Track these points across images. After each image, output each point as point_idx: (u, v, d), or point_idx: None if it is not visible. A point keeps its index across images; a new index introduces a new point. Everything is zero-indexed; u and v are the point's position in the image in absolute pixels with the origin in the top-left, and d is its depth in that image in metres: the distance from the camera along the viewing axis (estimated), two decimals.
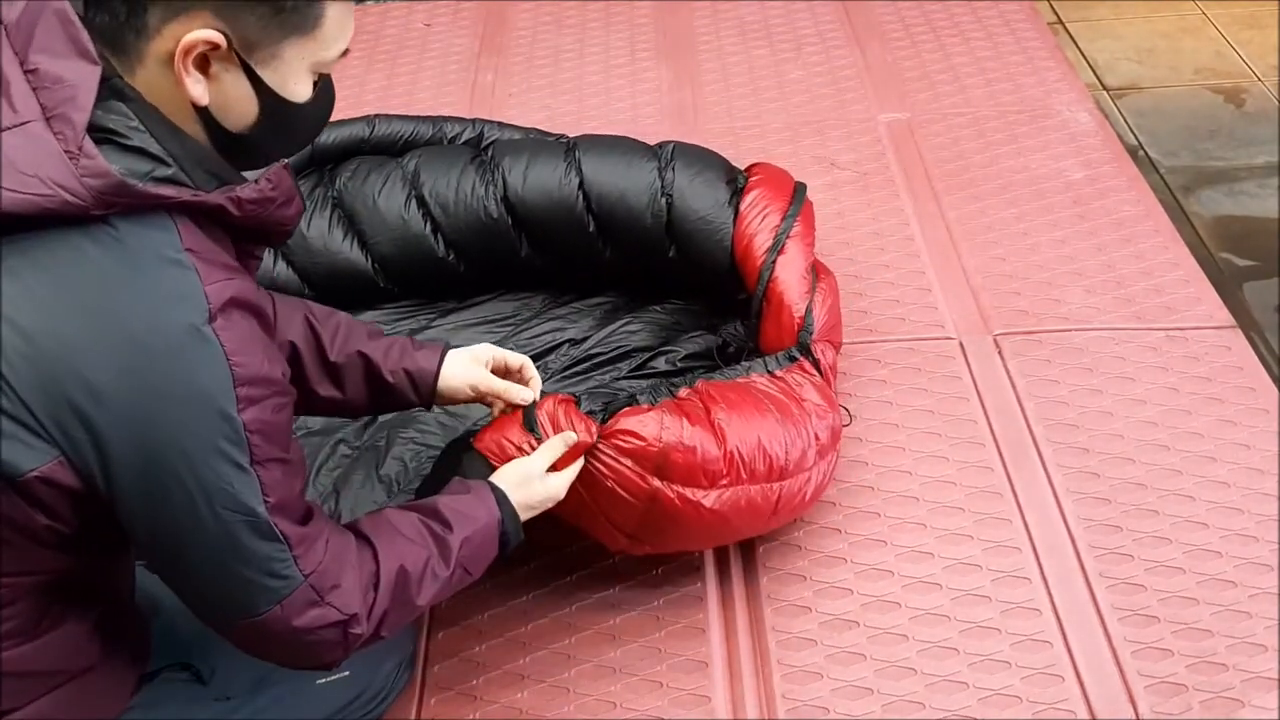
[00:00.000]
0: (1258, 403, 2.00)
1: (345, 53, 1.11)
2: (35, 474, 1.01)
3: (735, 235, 1.92)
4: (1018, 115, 2.72)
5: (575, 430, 1.49)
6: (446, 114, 2.78)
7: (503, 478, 1.42)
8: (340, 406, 1.51)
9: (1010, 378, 2.07)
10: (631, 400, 1.62)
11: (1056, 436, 1.96)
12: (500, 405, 1.55)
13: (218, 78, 1.05)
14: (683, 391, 1.65)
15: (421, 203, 2.00)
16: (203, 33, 1.01)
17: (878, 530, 1.82)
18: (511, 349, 1.60)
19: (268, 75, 1.07)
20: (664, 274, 2.04)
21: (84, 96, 0.98)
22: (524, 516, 1.41)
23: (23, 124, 0.97)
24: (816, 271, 1.93)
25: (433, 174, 2.01)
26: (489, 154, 2.03)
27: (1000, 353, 2.12)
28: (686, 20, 3.15)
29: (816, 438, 1.69)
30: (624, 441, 1.53)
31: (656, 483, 1.54)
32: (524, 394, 1.52)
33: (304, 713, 1.40)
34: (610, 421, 1.54)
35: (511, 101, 2.86)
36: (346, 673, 1.43)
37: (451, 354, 1.53)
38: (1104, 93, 2.99)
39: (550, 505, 1.46)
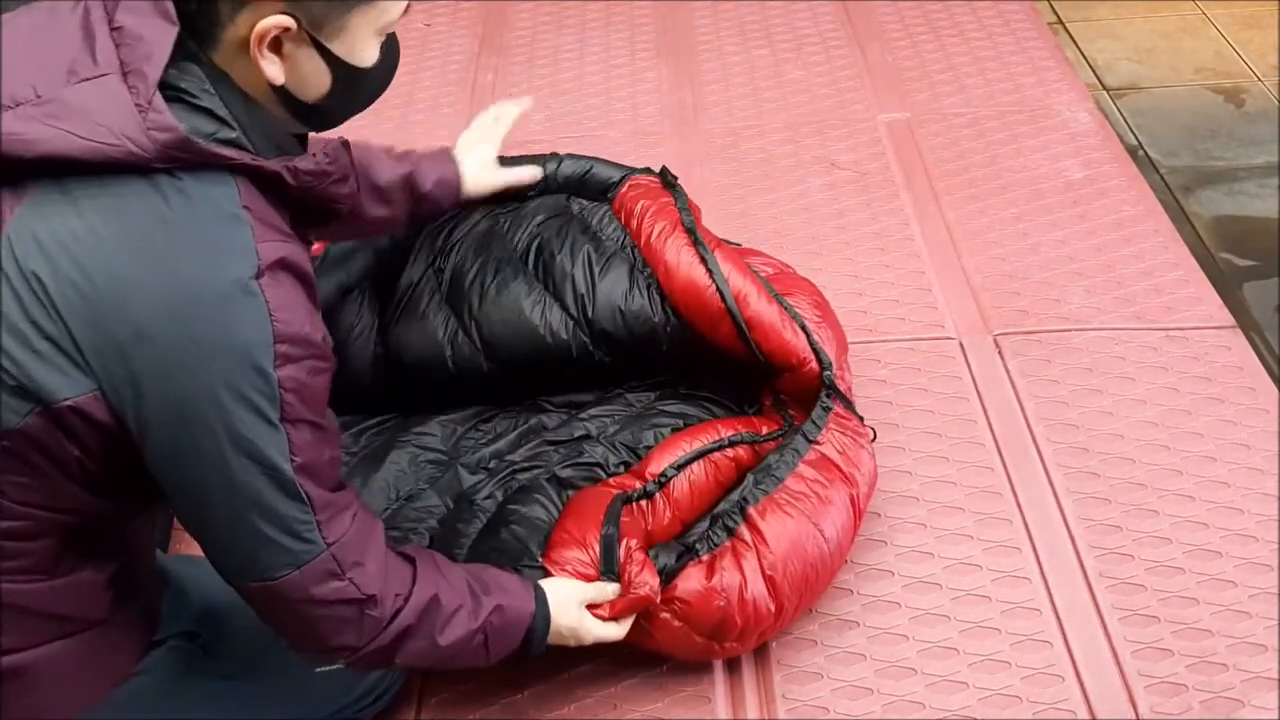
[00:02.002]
0: (1258, 403, 2.00)
1: (407, 9, 1.15)
2: (69, 403, 1.04)
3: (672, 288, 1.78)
4: (1018, 115, 2.72)
5: (643, 583, 1.51)
6: (445, 114, 2.81)
7: (550, 587, 1.45)
8: (387, 224, 1.72)
9: (1010, 377, 2.07)
10: (691, 552, 1.60)
11: (1056, 436, 1.96)
12: None
13: (291, 56, 1.09)
14: (742, 530, 1.61)
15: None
16: (274, 19, 1.05)
17: (878, 530, 1.82)
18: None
19: (337, 47, 1.11)
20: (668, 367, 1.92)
21: (159, 53, 1.03)
22: (552, 635, 1.43)
23: (101, 76, 1.02)
24: (777, 280, 1.89)
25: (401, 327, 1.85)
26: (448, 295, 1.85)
27: (1000, 352, 2.12)
28: (686, 20, 3.15)
29: (857, 505, 1.69)
30: (682, 606, 1.54)
31: (710, 643, 1.57)
32: (534, 173, 1.92)
33: (302, 699, 1.41)
34: (670, 588, 1.54)
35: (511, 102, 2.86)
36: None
37: (467, 168, 1.81)
38: (1104, 93, 2.99)
39: (574, 643, 1.47)
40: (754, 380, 1.87)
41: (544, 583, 1.46)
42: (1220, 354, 2.10)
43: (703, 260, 1.78)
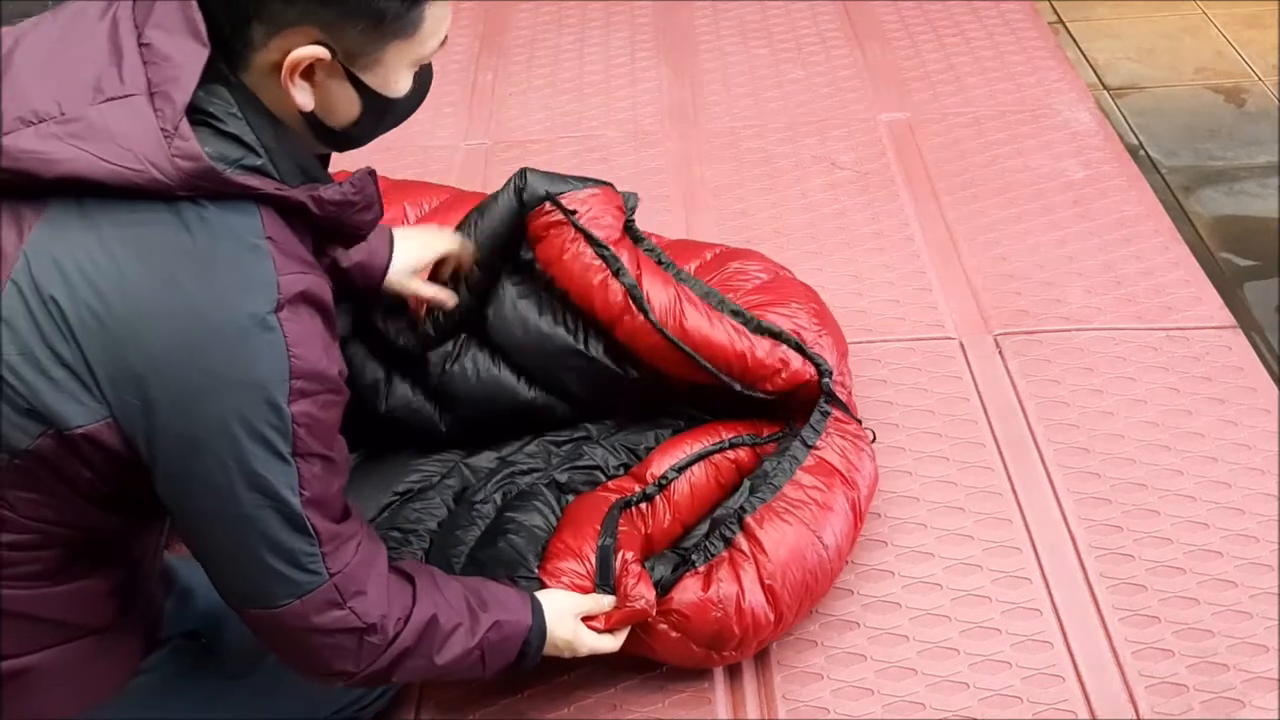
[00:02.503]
0: (1258, 403, 2.00)
1: (444, 41, 1.12)
2: (82, 431, 1.03)
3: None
4: (1018, 115, 2.72)
5: (638, 596, 1.51)
6: (445, 114, 2.81)
7: (546, 599, 1.45)
8: None
9: (1011, 378, 2.07)
10: (688, 563, 1.59)
11: (1057, 436, 1.95)
12: None
13: (322, 85, 1.07)
14: (740, 539, 1.60)
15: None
16: (309, 49, 1.02)
17: (878, 531, 1.82)
18: None
19: (370, 78, 1.09)
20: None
21: (187, 77, 1.00)
22: (547, 648, 1.44)
23: (128, 96, 1.00)
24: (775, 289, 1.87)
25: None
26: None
27: (1000, 353, 2.12)
28: (686, 20, 3.15)
29: (858, 509, 1.68)
30: (679, 617, 1.54)
31: (709, 652, 1.57)
32: (447, 298, 1.67)
33: (303, 699, 1.41)
34: (666, 599, 1.54)
35: (511, 101, 2.86)
36: None
37: (395, 256, 1.66)
38: (1104, 92, 2.98)
39: (569, 654, 1.48)
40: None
41: (540, 595, 1.46)
42: (1221, 354, 2.09)
43: (632, 298, 1.72)
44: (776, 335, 1.75)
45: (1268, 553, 1.76)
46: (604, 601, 1.50)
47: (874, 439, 1.80)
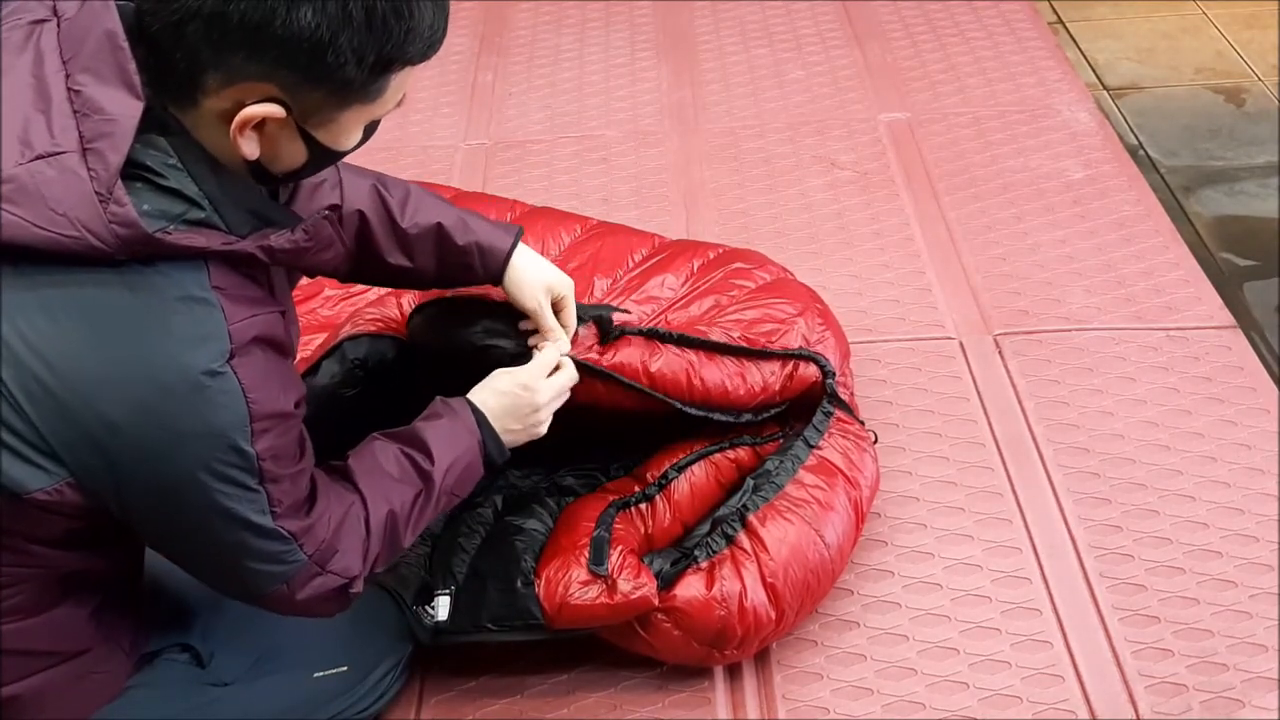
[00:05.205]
0: (1258, 403, 2.00)
1: (401, 102, 1.10)
2: (41, 493, 1.02)
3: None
4: (1018, 115, 2.72)
5: (640, 585, 1.51)
6: (445, 114, 2.81)
7: (483, 395, 1.41)
8: (407, 276, 1.48)
9: (1010, 378, 2.07)
10: (690, 558, 1.59)
11: (1057, 436, 1.96)
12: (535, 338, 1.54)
13: (271, 137, 1.03)
14: (742, 537, 1.60)
15: None
16: (264, 107, 0.99)
17: (878, 530, 1.82)
18: None
19: (322, 135, 1.06)
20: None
21: (121, 136, 0.95)
22: (508, 437, 1.41)
23: (58, 154, 0.95)
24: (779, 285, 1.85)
25: None
26: None
27: (1000, 353, 2.12)
28: (686, 20, 3.15)
29: (860, 509, 1.68)
30: (681, 615, 1.54)
31: (711, 650, 1.57)
32: (561, 346, 1.51)
33: (299, 705, 1.41)
34: (668, 595, 1.54)
35: (511, 101, 2.86)
36: (345, 667, 1.45)
37: (526, 253, 1.50)
38: (1104, 92, 2.98)
39: (538, 428, 1.44)
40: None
41: (473, 395, 1.41)
42: (1221, 354, 2.10)
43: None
44: (781, 355, 1.74)
45: (1268, 553, 1.76)
46: (546, 356, 1.46)
47: (876, 441, 1.80)
